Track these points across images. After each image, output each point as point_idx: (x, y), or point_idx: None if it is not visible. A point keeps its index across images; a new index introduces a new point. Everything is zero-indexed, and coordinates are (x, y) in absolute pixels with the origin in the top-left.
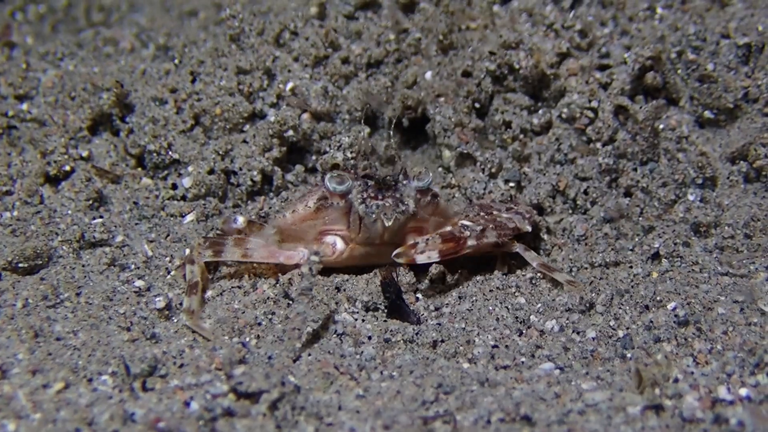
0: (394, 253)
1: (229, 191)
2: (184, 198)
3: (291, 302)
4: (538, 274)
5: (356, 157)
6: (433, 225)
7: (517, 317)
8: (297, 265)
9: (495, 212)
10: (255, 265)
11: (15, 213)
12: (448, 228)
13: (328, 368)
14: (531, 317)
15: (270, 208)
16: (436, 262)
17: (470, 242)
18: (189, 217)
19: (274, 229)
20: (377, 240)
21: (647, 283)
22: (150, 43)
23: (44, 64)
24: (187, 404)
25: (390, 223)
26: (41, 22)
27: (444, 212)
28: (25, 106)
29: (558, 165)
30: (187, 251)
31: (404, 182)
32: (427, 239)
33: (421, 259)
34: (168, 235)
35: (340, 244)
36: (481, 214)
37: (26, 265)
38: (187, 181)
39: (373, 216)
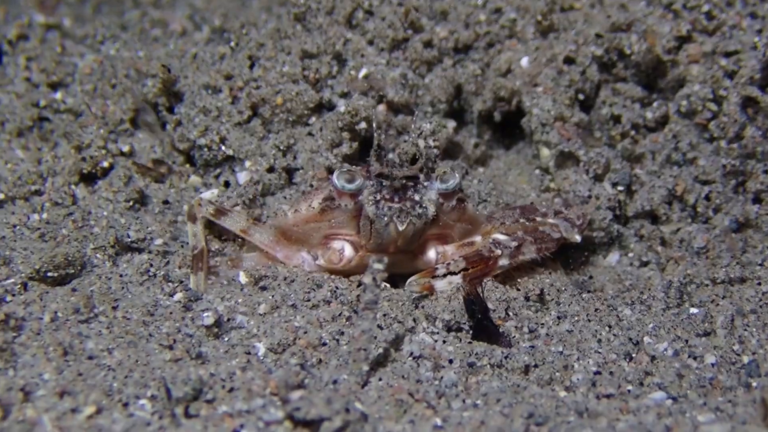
0: (408, 281)
1: None
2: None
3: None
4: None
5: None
6: (459, 232)
7: (629, 338)
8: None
9: (538, 218)
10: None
11: (44, 215)
12: (477, 240)
13: (401, 394)
14: (644, 338)
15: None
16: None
17: (502, 262)
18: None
19: (274, 230)
20: (390, 247)
21: None
22: (204, 25)
23: (82, 48)
24: None
25: (403, 228)
26: (82, 4)
27: (472, 218)
28: (59, 95)
29: (675, 166)
30: (186, 207)
31: (425, 183)
32: (448, 263)
33: (440, 285)
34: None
35: (348, 251)
36: (520, 221)
37: (56, 274)
38: (242, 177)
39: (385, 219)
